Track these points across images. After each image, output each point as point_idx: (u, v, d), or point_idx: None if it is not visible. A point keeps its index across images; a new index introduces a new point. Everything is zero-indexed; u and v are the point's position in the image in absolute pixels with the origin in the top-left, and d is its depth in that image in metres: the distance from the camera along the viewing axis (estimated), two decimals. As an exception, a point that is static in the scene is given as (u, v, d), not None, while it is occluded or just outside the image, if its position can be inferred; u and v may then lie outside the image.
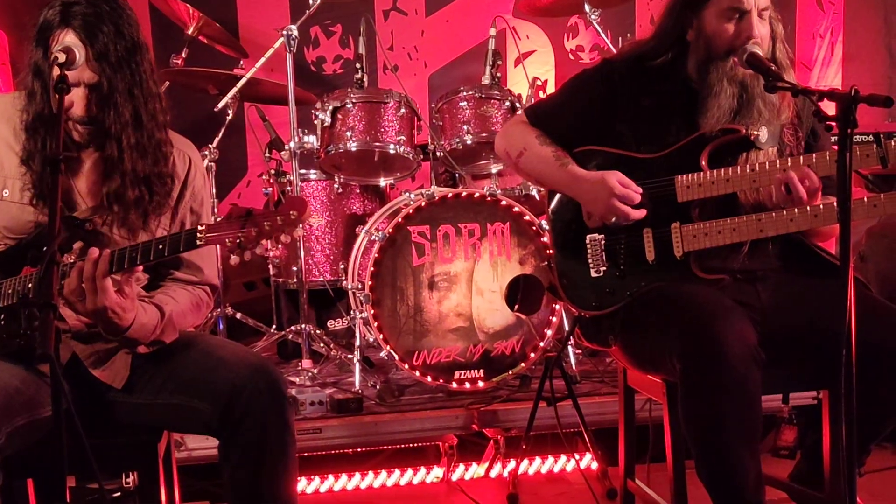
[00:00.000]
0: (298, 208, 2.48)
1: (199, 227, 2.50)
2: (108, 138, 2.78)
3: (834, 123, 2.45)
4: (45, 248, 2.61)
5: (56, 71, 2.57)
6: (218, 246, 2.54)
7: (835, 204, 2.92)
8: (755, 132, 3.13)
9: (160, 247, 2.55)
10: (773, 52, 3.19)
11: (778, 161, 3.03)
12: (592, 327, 3.38)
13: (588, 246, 3.28)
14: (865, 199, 2.97)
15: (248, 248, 2.49)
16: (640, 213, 3.14)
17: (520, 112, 3.54)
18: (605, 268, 3.25)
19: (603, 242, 3.26)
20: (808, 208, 2.98)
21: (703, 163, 3.12)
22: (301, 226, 2.51)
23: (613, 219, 3.16)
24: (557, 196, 3.38)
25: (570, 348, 4.82)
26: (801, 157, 3.02)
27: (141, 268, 2.63)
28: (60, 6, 2.72)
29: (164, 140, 2.90)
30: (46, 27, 2.72)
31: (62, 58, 2.59)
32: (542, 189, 5.13)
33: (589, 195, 3.21)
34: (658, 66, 3.26)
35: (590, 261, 3.27)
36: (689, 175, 3.11)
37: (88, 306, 2.56)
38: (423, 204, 4.55)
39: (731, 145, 3.15)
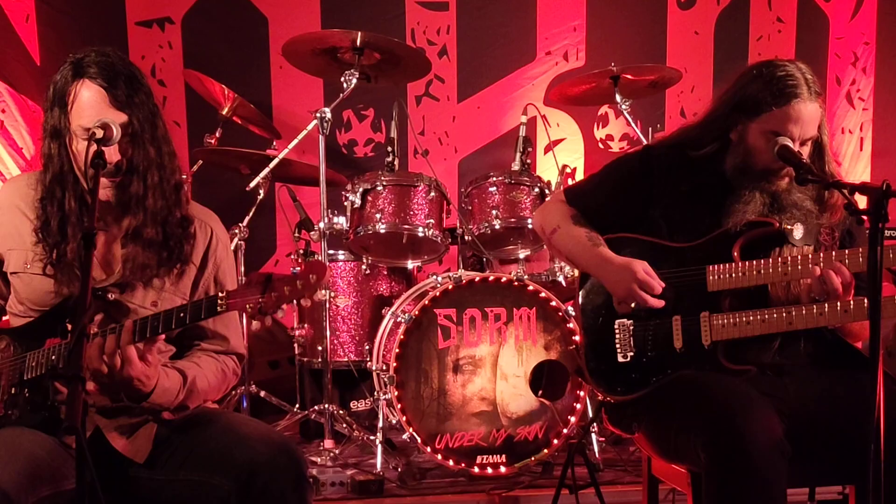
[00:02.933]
0: (318, 272, 2.49)
1: (220, 294, 2.52)
2: (134, 175, 2.80)
3: (865, 217, 2.46)
4: (71, 320, 2.66)
5: (93, 145, 2.59)
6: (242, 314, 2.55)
7: (865, 301, 2.92)
8: (789, 226, 3.13)
9: (181, 315, 2.56)
10: (821, 164, 3.21)
11: (810, 255, 3.03)
12: (617, 413, 3.37)
13: (616, 331, 3.27)
14: (896, 297, 2.96)
15: (269, 313, 2.49)
16: (659, 303, 3.14)
17: (559, 191, 3.57)
18: (632, 353, 3.24)
19: (632, 328, 3.25)
20: (839, 304, 2.98)
21: (735, 254, 3.13)
22: (321, 290, 2.50)
23: (633, 304, 3.18)
24: (589, 280, 3.38)
25: (593, 435, 4.79)
26: (834, 252, 3.02)
27: (163, 337, 2.64)
28: (70, 65, 2.76)
29: (181, 184, 2.94)
30: (61, 87, 2.75)
31: (99, 133, 2.61)
32: (568, 275, 5.15)
33: (613, 277, 3.22)
34: (699, 156, 3.28)
35: (617, 346, 3.26)
36: (721, 265, 3.12)
37: (116, 377, 2.57)
38: (450, 287, 4.56)
39: (765, 239, 3.15)
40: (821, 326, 3.07)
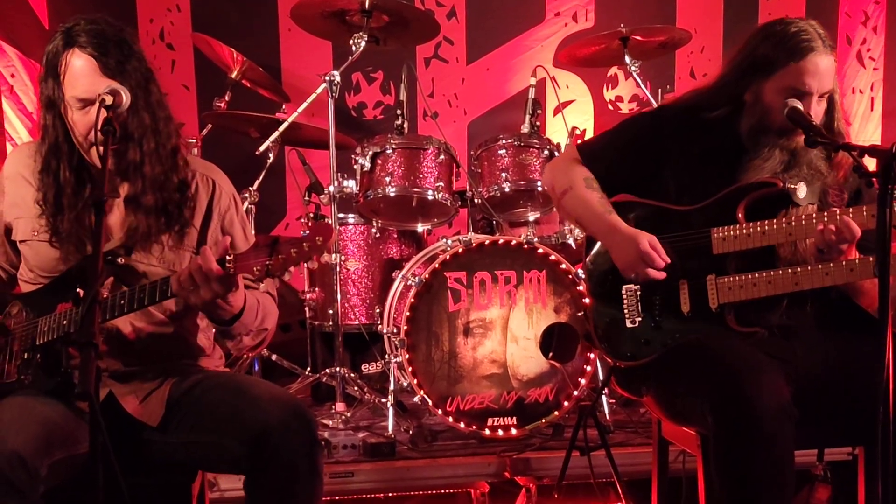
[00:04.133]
0: (324, 234, 2.50)
1: (228, 258, 2.51)
2: (130, 142, 2.80)
3: (874, 179, 2.46)
4: (80, 286, 2.67)
5: (103, 113, 2.59)
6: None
7: (871, 259, 2.92)
8: (792, 185, 3.11)
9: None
10: (830, 121, 3.19)
11: (815, 214, 3.02)
12: (626, 377, 3.38)
13: (624, 296, 3.28)
14: (904, 255, 2.95)
15: (276, 276, 2.52)
16: (660, 275, 3.14)
17: (571, 147, 3.54)
18: (640, 318, 3.25)
19: (639, 293, 3.26)
20: (844, 262, 2.98)
21: (740, 215, 3.12)
22: (328, 252, 2.52)
23: (633, 275, 3.18)
24: (595, 245, 3.38)
25: (604, 398, 4.79)
26: (838, 210, 3.00)
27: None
28: (61, 34, 2.75)
29: (178, 148, 2.93)
30: (53, 58, 2.75)
31: (109, 100, 2.62)
32: (578, 238, 5.15)
33: (618, 246, 3.22)
34: (712, 118, 3.26)
35: (625, 311, 3.27)
36: (725, 227, 3.11)
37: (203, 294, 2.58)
38: (460, 250, 4.56)
39: (770, 200, 3.14)
40: (828, 286, 3.06)
